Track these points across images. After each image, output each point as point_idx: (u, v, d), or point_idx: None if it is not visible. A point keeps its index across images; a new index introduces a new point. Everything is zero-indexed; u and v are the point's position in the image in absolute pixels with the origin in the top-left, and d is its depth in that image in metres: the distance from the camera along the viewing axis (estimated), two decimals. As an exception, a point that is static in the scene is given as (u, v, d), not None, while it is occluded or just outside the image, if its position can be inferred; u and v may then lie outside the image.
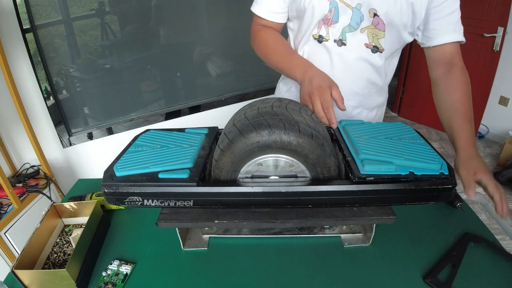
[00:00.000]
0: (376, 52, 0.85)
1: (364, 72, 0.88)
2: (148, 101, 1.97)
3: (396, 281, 0.62)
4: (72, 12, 1.60)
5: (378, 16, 0.79)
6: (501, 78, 2.56)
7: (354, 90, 0.90)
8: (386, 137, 0.69)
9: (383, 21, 0.80)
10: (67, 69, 1.69)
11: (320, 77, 0.74)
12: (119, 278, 0.63)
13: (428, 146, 0.66)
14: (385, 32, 0.82)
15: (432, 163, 0.60)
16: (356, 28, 0.82)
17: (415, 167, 0.59)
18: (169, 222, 0.63)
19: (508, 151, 2.41)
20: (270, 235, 0.72)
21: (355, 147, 0.65)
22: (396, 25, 0.80)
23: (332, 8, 0.81)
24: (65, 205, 0.76)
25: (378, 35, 0.82)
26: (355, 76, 0.88)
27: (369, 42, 0.83)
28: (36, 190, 1.56)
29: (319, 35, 0.86)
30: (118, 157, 0.66)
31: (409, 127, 0.74)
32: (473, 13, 2.45)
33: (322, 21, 0.83)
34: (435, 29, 0.82)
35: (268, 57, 0.89)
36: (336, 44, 0.84)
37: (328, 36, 0.84)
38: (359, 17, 0.80)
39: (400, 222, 0.74)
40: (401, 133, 0.71)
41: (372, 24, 0.81)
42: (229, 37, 2.02)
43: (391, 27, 0.81)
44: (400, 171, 0.58)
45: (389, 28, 0.81)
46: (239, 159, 0.61)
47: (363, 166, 0.59)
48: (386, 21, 0.80)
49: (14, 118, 1.56)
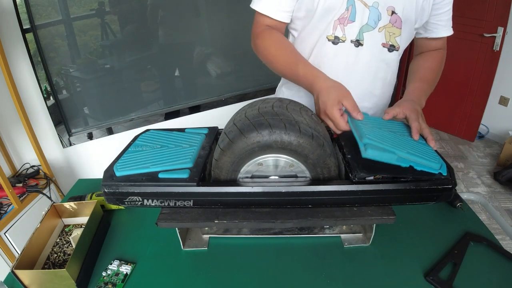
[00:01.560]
0: (393, 51, 0.84)
1: (380, 72, 0.86)
2: (148, 101, 1.97)
3: (397, 280, 0.62)
4: (72, 12, 1.60)
5: (396, 14, 0.78)
6: (501, 78, 2.56)
7: (370, 91, 0.89)
8: (391, 130, 0.69)
9: (401, 18, 0.79)
10: (67, 69, 1.69)
11: (332, 92, 0.70)
12: (119, 278, 0.63)
13: (429, 146, 0.66)
14: (402, 30, 0.81)
15: (432, 161, 0.60)
16: (374, 27, 0.79)
17: (416, 162, 0.59)
18: (169, 222, 0.63)
19: (508, 151, 2.41)
20: (270, 235, 0.72)
21: (359, 132, 0.64)
22: (411, 21, 0.81)
23: (349, 7, 0.77)
24: (65, 205, 0.76)
25: (395, 33, 0.81)
26: (372, 77, 0.86)
27: (386, 41, 0.82)
28: (36, 190, 1.56)
29: (334, 36, 0.82)
30: (118, 157, 0.66)
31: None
32: (473, 13, 2.45)
33: (338, 20, 0.79)
34: (434, 23, 0.87)
35: (273, 64, 0.84)
36: (353, 45, 0.81)
37: (345, 37, 0.81)
38: (376, 15, 0.78)
39: (400, 222, 0.74)
40: (404, 130, 0.71)
41: (390, 22, 0.80)
42: (229, 37, 2.01)
43: (406, 24, 0.81)
44: (401, 162, 0.58)
45: (405, 25, 0.81)
46: (239, 159, 0.61)
47: (365, 150, 0.59)
48: (403, 19, 0.79)
49: (14, 118, 1.56)
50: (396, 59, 0.87)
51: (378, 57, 0.84)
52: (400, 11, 0.78)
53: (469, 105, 2.70)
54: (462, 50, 2.56)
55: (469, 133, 2.81)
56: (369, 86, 0.88)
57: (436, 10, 0.83)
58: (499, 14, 2.34)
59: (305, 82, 0.77)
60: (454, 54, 2.31)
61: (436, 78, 0.90)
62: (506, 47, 2.42)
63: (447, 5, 0.84)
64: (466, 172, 2.46)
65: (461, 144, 2.80)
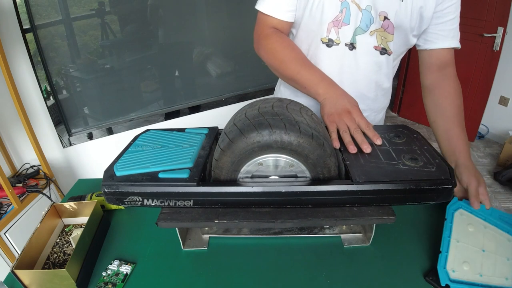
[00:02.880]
0: (384, 54, 0.83)
1: (372, 75, 0.86)
2: (148, 101, 1.97)
3: (396, 280, 0.62)
4: (72, 12, 1.60)
5: (388, 20, 0.78)
6: (501, 78, 2.56)
7: (363, 94, 0.88)
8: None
9: (393, 24, 0.78)
10: (67, 69, 1.69)
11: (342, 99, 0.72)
12: (119, 278, 0.63)
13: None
14: (394, 36, 0.80)
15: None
16: (365, 30, 0.79)
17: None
18: (169, 222, 0.63)
19: (508, 151, 2.41)
20: (270, 235, 0.72)
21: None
22: (404, 28, 0.79)
23: (344, 9, 0.77)
24: (65, 205, 0.76)
25: (387, 38, 0.81)
26: (365, 80, 0.86)
27: (378, 45, 0.81)
28: (36, 190, 1.56)
29: (328, 38, 0.81)
30: (118, 157, 0.66)
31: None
32: (473, 13, 2.45)
33: (332, 23, 0.79)
34: (435, 33, 0.83)
35: (280, 70, 0.83)
36: (347, 48, 0.81)
37: (339, 40, 0.81)
38: (369, 19, 0.78)
39: (400, 222, 0.74)
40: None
41: (382, 27, 0.79)
42: (229, 37, 2.02)
43: (399, 31, 0.80)
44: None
45: (398, 32, 0.80)
46: (240, 159, 0.61)
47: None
48: (395, 25, 0.78)
49: (14, 118, 1.56)
50: (389, 62, 0.86)
51: (371, 60, 0.83)
52: (392, 17, 0.77)
53: (469, 105, 2.70)
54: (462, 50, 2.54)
55: (469, 133, 2.81)
56: (363, 88, 0.88)
57: (438, 19, 0.80)
58: (499, 14, 2.34)
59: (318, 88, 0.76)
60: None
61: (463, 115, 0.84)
62: (506, 47, 2.43)
63: (451, 13, 0.79)
64: (466, 172, 2.46)
65: (461, 144, 2.80)
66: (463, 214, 0.68)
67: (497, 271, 0.60)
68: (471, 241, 0.64)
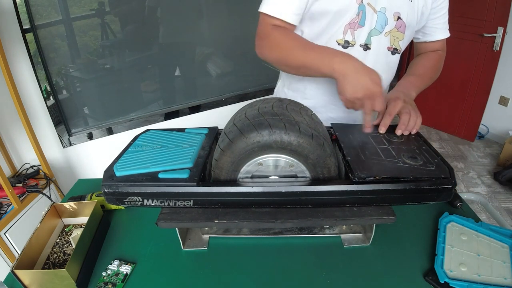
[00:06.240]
0: (395, 54, 0.87)
1: (383, 74, 0.85)
2: (148, 101, 1.97)
3: (396, 280, 0.62)
4: (72, 12, 1.60)
5: (401, 19, 0.82)
6: (501, 78, 2.56)
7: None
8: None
9: (405, 23, 0.83)
10: (67, 69, 1.69)
11: (363, 77, 0.69)
12: (119, 278, 0.63)
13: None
14: (404, 34, 0.85)
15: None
16: (381, 32, 0.82)
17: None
18: (169, 222, 0.63)
19: (508, 151, 2.41)
20: (270, 235, 0.72)
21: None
22: (413, 26, 0.85)
23: (360, 12, 0.79)
24: (65, 205, 0.76)
25: (399, 37, 0.85)
26: None
27: (391, 45, 0.85)
28: (36, 190, 1.56)
29: (344, 40, 0.82)
30: (118, 157, 0.66)
31: None
32: (473, 13, 2.45)
33: (349, 25, 0.80)
34: (432, 27, 0.91)
35: (287, 61, 0.79)
36: (362, 49, 0.83)
37: (354, 41, 0.82)
38: (384, 20, 0.81)
39: (400, 222, 0.74)
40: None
41: (395, 27, 0.83)
42: (229, 37, 2.01)
43: (409, 30, 0.85)
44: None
45: (408, 30, 0.85)
46: (239, 159, 0.61)
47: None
48: (407, 24, 0.83)
49: (14, 118, 1.56)
50: (397, 61, 0.91)
51: (383, 60, 0.87)
52: (404, 17, 0.82)
53: (469, 105, 2.70)
54: (462, 50, 2.56)
55: (469, 133, 2.81)
56: None
57: (434, 14, 0.87)
58: (499, 14, 2.34)
59: (333, 60, 0.71)
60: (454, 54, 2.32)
61: (431, 74, 0.93)
62: (506, 47, 2.42)
63: (443, 8, 0.88)
64: (466, 172, 2.46)
65: (461, 144, 2.80)
66: (454, 226, 0.71)
67: (495, 272, 0.60)
68: (465, 247, 0.65)
